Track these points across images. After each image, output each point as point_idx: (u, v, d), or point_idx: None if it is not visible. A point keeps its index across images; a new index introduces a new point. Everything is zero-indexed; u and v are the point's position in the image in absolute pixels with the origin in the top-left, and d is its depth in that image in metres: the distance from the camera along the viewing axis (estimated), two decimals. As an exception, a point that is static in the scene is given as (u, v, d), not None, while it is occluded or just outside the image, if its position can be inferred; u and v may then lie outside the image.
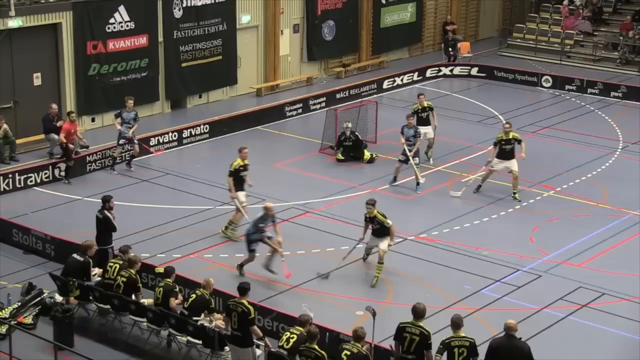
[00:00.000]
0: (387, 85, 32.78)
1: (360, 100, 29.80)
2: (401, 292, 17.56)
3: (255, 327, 14.40)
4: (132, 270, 16.03)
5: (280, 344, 14.05)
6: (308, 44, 33.43)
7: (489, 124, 28.71)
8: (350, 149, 25.15)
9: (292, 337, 13.95)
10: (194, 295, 15.37)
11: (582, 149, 26.30)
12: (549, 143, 26.96)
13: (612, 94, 31.91)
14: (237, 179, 19.98)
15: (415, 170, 22.72)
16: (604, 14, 38.55)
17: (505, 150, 22.34)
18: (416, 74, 33.98)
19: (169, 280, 15.82)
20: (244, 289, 14.39)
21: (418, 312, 13.52)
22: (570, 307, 17.20)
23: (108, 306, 16.05)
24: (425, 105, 24.73)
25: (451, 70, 35.02)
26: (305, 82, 33.06)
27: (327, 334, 14.93)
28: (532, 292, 17.80)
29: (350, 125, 25.20)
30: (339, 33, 34.21)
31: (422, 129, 24.14)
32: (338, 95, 30.83)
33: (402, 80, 33.36)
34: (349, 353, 13.13)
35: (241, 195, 20.06)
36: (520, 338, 12.98)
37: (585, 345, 16.06)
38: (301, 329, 13.91)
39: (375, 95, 31.41)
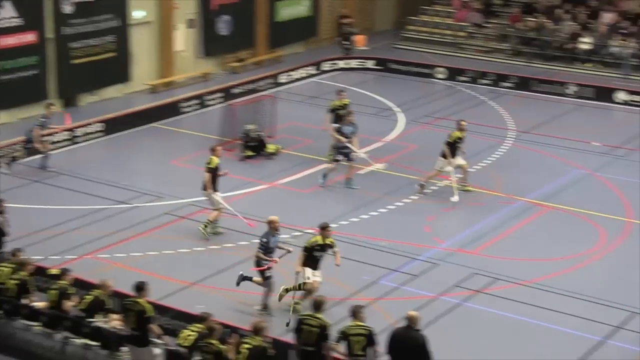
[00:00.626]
0: (284, 79, 32.85)
1: (257, 95, 29.78)
2: (290, 284, 17.61)
3: (153, 326, 14.27)
4: (24, 273, 15.69)
5: (179, 341, 13.99)
6: (203, 39, 33.23)
7: (385, 116, 29.05)
8: (256, 149, 25.17)
9: (192, 335, 13.92)
10: (90, 297, 15.13)
11: (476, 138, 26.74)
12: (443, 134, 27.30)
13: (503, 84, 32.66)
14: (215, 177, 19.83)
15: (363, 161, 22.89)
16: (494, 6, 39.41)
17: (458, 147, 22.46)
18: (313, 67, 34.14)
19: (63, 282, 15.54)
20: (140, 288, 14.22)
21: (317, 305, 13.67)
22: (465, 294, 17.56)
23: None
24: (346, 102, 24.80)
25: (347, 64, 35.30)
26: (202, 78, 32.86)
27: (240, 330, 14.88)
28: (429, 280, 18.11)
29: (253, 127, 25.19)
30: (235, 28, 34.12)
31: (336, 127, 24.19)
32: (235, 91, 30.74)
33: (299, 74, 33.47)
34: (249, 346, 13.16)
35: (218, 195, 19.90)
36: (419, 330, 13.17)
37: (480, 330, 16.42)
38: (200, 326, 13.87)
39: (272, 90, 31.43)
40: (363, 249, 19.52)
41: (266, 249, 16.65)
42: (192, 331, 14.00)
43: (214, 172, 19.88)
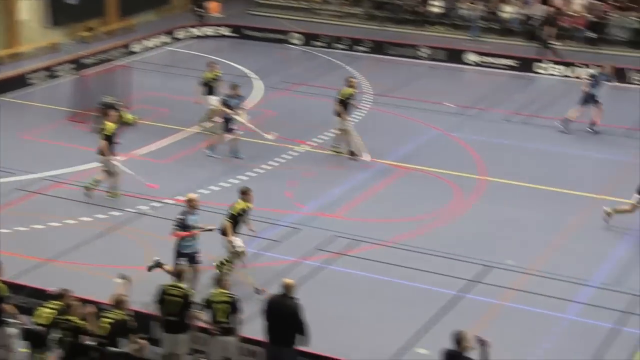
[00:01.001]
0: (138, 48, 32.20)
1: (110, 65, 29.08)
2: (161, 256, 17.37)
3: (7, 305, 13.82)
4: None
5: (36, 319, 13.61)
6: (50, 8, 32.15)
7: (242, 83, 28.79)
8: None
9: (49, 312, 13.57)
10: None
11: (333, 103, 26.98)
12: (299, 99, 27.51)
13: (358, 48, 32.97)
14: (112, 143, 19.81)
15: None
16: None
17: (350, 105, 22.43)
18: (167, 35, 33.58)
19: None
20: (-10, 267, 13.74)
21: (178, 274, 13.63)
22: (327, 257, 17.72)
23: None
24: (219, 74, 24.40)
25: (202, 31, 34.88)
26: (50, 48, 31.82)
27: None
28: (292, 245, 18.17)
29: (111, 98, 24.57)
30: (83, -5, 33.19)
31: (212, 99, 23.91)
32: (86, 61, 29.92)
33: (152, 43, 32.87)
34: (110, 320, 12.99)
35: (116, 160, 19.98)
36: (294, 298, 13.21)
37: (344, 291, 16.60)
38: (58, 302, 13.52)
39: (125, 59, 30.76)
40: (218, 216, 19.35)
41: (183, 227, 15.91)
42: (49, 308, 13.64)
43: (109, 139, 19.69)
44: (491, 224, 19.27)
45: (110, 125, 19.80)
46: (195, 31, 34.74)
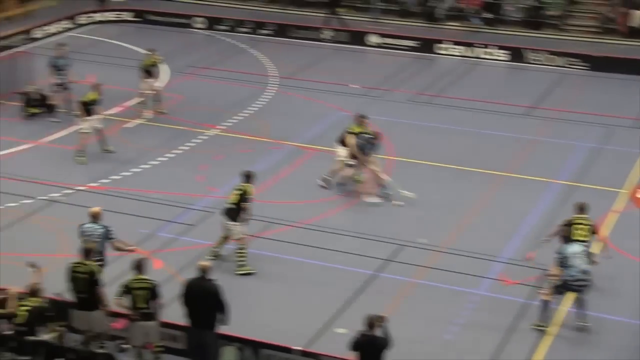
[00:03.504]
0: (39, 34, 31.39)
1: (10, 51, 28.31)
2: (76, 243, 17.07)
3: None
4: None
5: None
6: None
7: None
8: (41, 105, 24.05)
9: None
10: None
11: (240, 86, 26.91)
12: (206, 83, 27.31)
13: (261, 32, 32.86)
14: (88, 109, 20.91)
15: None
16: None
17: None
18: (68, 21, 32.83)
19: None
20: None
21: (85, 251, 13.59)
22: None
23: None
24: (158, 59, 24.41)
25: (104, 16, 34.21)
26: (-52, 35, 30.83)
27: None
28: (206, 229, 18.06)
29: (33, 87, 23.99)
30: (-20, -19, 32.19)
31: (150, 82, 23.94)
32: (-15, 47, 29.10)
33: (54, 28, 32.10)
34: (28, 308, 12.80)
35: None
36: (212, 280, 13.17)
37: (260, 272, 16.59)
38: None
39: (27, 46, 29.98)
40: (137, 202, 19.20)
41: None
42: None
43: (86, 105, 21.00)
44: (402, 203, 19.49)
45: (90, 95, 21.06)
46: (98, 16, 34.04)
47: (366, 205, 19.41)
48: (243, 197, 16.44)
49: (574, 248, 14.66)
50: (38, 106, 24.07)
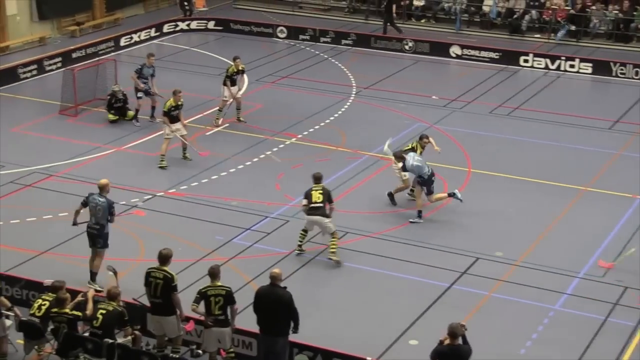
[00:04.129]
0: (125, 42, 32.03)
1: (97, 59, 28.94)
2: (154, 248, 17.27)
3: (3, 298, 13.76)
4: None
5: (31, 311, 13.60)
6: (37, 3, 31.94)
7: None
8: (120, 110, 24.46)
9: (44, 304, 13.59)
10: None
11: (319, 95, 27.00)
12: (287, 92, 27.47)
13: (343, 41, 32.91)
14: (170, 116, 21.35)
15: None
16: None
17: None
18: (153, 29, 33.42)
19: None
20: (-15, 260, 13.68)
21: (162, 257, 13.68)
22: (317, 248, 17.71)
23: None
24: (241, 67, 24.51)
25: (188, 25, 34.75)
26: (38, 42, 31.65)
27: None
28: (281, 237, 18.16)
29: (119, 87, 24.50)
30: (71, -10, 32.97)
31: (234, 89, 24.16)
32: (74, 55, 29.75)
33: (139, 36, 32.71)
34: (104, 312, 13.02)
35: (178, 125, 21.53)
36: (285, 287, 13.23)
37: (332, 282, 16.64)
38: (53, 295, 13.51)
39: (113, 53, 30.60)
40: (215, 209, 19.39)
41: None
42: (45, 300, 13.64)
43: (167, 114, 21.37)
44: (479, 215, 19.30)
45: (168, 102, 21.37)
46: (182, 25, 34.56)
47: (442, 217, 19.25)
48: (327, 195, 17.19)
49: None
50: (116, 110, 24.43)
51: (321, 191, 17.26)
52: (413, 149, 19.43)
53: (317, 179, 17.53)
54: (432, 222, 19.05)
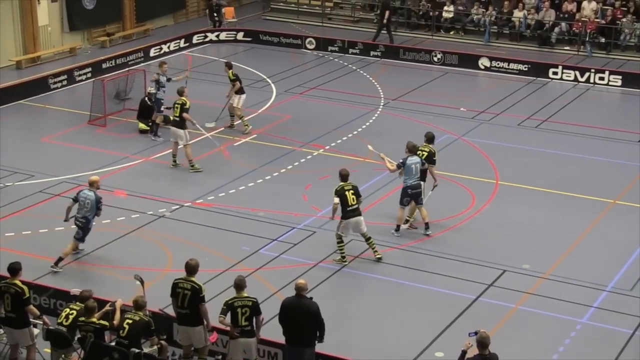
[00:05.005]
0: (154, 53, 32.26)
1: (127, 69, 29.17)
2: (181, 258, 17.37)
3: (31, 307, 13.89)
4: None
5: (59, 320, 13.71)
6: (68, 13, 32.27)
7: (258, 87, 28.92)
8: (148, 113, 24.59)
9: (72, 313, 13.69)
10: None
11: (348, 107, 27.04)
12: (315, 103, 27.54)
13: (372, 53, 32.94)
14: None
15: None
16: (360, -24, 39.65)
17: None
18: (182, 40, 33.65)
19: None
20: (14, 269, 13.79)
21: (190, 268, 13.74)
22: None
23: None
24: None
25: (217, 36, 34.94)
26: (69, 53, 31.98)
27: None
28: (308, 248, 18.20)
29: (152, 90, 24.66)
30: (101, 1, 33.23)
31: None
32: (104, 65, 30.02)
33: (169, 47, 32.95)
34: (130, 321, 13.09)
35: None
36: (312, 298, 13.27)
37: (359, 293, 16.67)
38: (81, 304, 13.60)
39: (142, 64, 30.85)
40: (242, 219, 19.46)
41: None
42: (72, 309, 13.75)
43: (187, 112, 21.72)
44: (506, 227, 19.25)
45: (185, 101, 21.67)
46: (211, 36, 34.77)
47: (469, 229, 19.20)
48: (358, 192, 17.54)
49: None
50: (146, 117, 24.56)
51: (353, 191, 17.39)
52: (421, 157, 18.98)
53: (345, 176, 17.60)
54: (459, 234, 19.01)
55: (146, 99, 24.52)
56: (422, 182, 18.72)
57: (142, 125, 24.53)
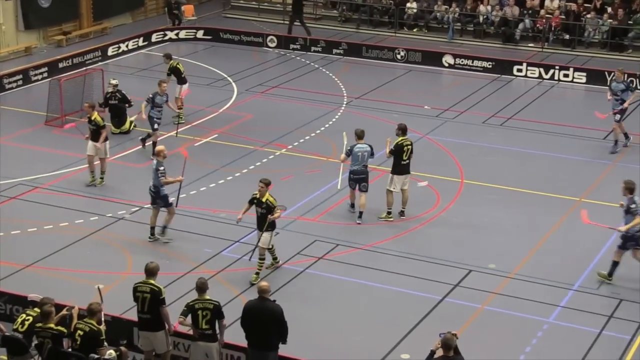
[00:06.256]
0: (112, 52, 32.03)
1: (84, 69, 28.93)
2: (141, 262, 17.21)
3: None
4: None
5: (15, 327, 13.51)
6: (23, 11, 31.93)
7: (219, 86, 28.84)
8: (115, 109, 24.30)
9: (28, 319, 13.48)
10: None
11: (310, 106, 27.02)
12: (277, 102, 27.48)
13: (334, 51, 32.96)
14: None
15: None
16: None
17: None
18: (141, 39, 33.43)
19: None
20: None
21: (149, 270, 13.66)
22: (307, 261, 17.70)
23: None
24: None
25: (177, 34, 34.77)
26: (24, 52, 31.65)
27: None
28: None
29: (115, 81, 24.40)
30: (56, -1, 32.98)
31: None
32: (61, 65, 29.75)
33: (127, 46, 32.73)
34: (81, 332, 12.84)
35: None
36: (275, 300, 13.22)
37: (323, 295, 16.63)
38: (37, 310, 13.42)
39: (100, 63, 30.61)
40: (203, 221, 19.36)
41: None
42: (29, 315, 13.56)
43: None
44: (472, 227, 19.33)
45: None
46: (171, 34, 34.57)
47: (434, 229, 19.26)
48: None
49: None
50: (114, 107, 24.27)
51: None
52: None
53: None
54: (424, 234, 19.06)
55: (108, 96, 24.30)
56: (367, 170, 19.52)
57: (115, 130, 24.12)
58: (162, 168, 18.05)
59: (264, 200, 16.64)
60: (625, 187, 16.93)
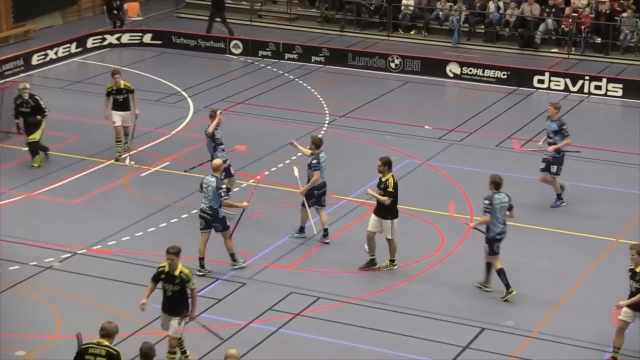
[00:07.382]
0: (38, 60, 32.08)
1: (3, 81, 28.95)
2: (73, 321, 17.21)
3: None
4: None
5: None
6: None
7: (171, 103, 28.89)
8: (29, 116, 24.19)
9: None
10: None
11: (284, 126, 27.10)
12: (244, 121, 27.54)
13: (314, 58, 33.12)
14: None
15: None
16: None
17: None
18: (74, 44, 33.49)
19: None
20: None
21: (105, 331, 13.52)
22: (281, 318, 17.67)
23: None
24: (123, 86, 24.45)
25: (118, 39, 34.89)
26: None
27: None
28: (236, 304, 18.12)
29: (28, 86, 24.31)
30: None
31: (119, 115, 24.32)
32: (-26, 76, 29.84)
33: (56, 53, 32.80)
34: None
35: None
36: None
37: (307, 359, 16.59)
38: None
39: (23, 74, 30.64)
40: (151, 270, 19.11)
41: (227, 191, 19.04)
42: None
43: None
44: (484, 274, 19.33)
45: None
46: (111, 38, 34.65)
47: (439, 277, 19.28)
48: None
49: None
50: (25, 115, 24.13)
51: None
52: None
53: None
54: (425, 284, 19.08)
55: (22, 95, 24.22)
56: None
57: (35, 164, 24.06)
58: (224, 187, 18.78)
59: (176, 274, 15.67)
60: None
